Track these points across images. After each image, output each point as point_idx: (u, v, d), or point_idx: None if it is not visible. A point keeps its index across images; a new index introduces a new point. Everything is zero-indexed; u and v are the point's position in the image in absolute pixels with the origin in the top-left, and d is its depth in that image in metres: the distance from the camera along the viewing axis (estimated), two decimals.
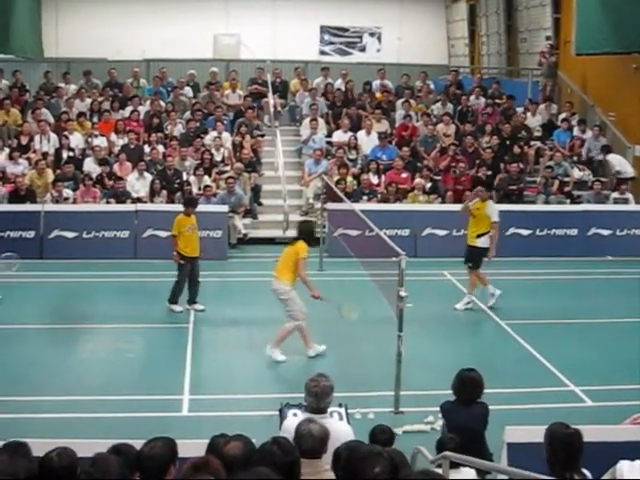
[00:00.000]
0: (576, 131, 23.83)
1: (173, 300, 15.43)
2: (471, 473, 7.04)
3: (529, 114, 24.72)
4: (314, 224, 13.67)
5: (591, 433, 7.44)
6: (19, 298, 16.05)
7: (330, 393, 6.97)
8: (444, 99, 25.08)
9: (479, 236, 15.80)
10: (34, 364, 12.67)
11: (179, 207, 18.90)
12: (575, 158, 23.18)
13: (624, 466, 6.17)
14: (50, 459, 5.12)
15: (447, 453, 6.76)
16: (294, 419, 7.23)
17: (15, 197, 19.89)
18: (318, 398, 6.88)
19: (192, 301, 15.49)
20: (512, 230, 20.03)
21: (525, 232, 20.12)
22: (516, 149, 22.71)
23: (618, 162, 22.53)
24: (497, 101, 25.44)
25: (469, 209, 15.97)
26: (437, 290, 17.17)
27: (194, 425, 10.33)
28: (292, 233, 20.18)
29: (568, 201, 21.66)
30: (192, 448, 6.16)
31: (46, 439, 6.29)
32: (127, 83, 25.17)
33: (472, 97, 25.50)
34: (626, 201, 21.15)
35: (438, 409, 8.56)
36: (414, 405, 11.01)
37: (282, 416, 7.91)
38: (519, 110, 24.88)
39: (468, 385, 8.19)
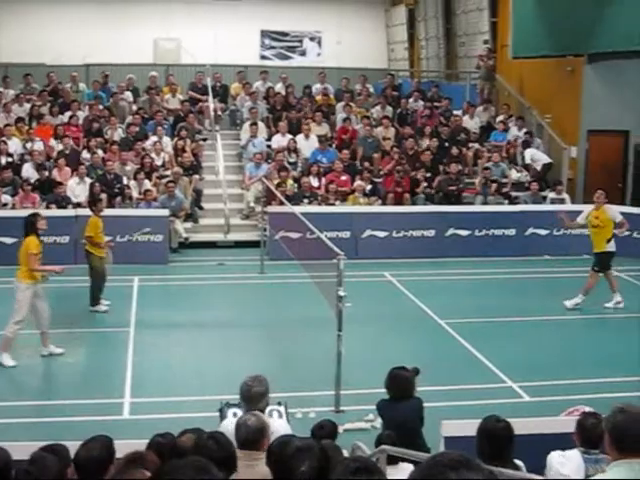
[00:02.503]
0: (514, 131, 24.15)
1: (95, 302, 15.47)
2: (409, 468, 7.14)
3: (467, 116, 25.04)
4: (37, 216, 13.48)
5: (526, 426, 7.63)
6: None
7: (261, 399, 7.01)
8: (383, 102, 25.29)
9: (608, 241, 15.87)
10: None
11: (120, 211, 18.94)
12: (516, 159, 23.51)
13: (554, 457, 6.33)
14: None
15: (384, 447, 6.87)
16: (233, 419, 7.28)
17: None
18: (248, 403, 6.96)
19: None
20: (451, 231, 20.30)
21: (464, 232, 20.37)
22: (454, 151, 22.97)
23: (530, 155, 23.01)
24: (436, 104, 25.72)
25: (580, 225, 16.34)
26: (378, 290, 17.33)
27: (135, 427, 10.32)
28: (233, 237, 20.45)
29: (506, 202, 21.97)
30: (132, 448, 6.17)
31: None
32: (67, 88, 25.01)
33: (411, 100, 25.75)
34: (562, 201, 21.50)
35: (375, 407, 8.72)
36: (354, 404, 11.13)
37: (222, 416, 7.96)
38: (457, 113, 25.19)
39: (398, 382, 8.41)
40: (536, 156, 22.95)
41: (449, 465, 2.50)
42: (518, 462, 6.24)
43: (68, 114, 23.52)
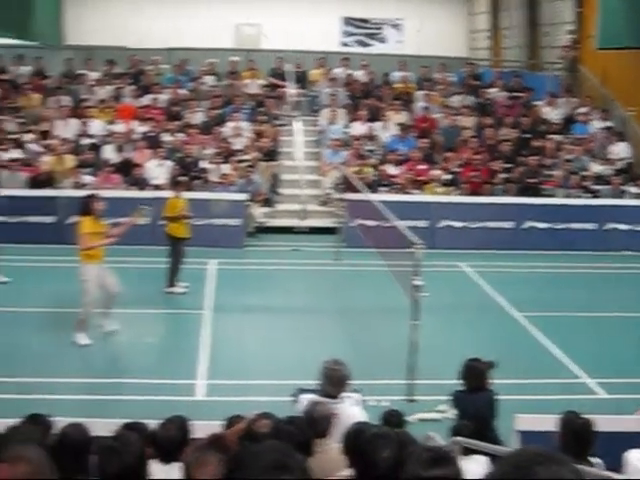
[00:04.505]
0: (597, 123, 23.74)
1: (171, 284, 15.63)
2: (482, 460, 7.10)
3: (549, 108, 24.68)
4: (93, 197, 13.45)
5: (603, 423, 7.49)
6: (39, 282, 16.27)
7: (346, 381, 7.06)
8: (464, 91, 25.08)
9: None
10: (54, 347, 12.85)
11: (198, 195, 19.06)
12: (596, 152, 23.13)
13: (631, 454, 6.23)
14: (66, 433, 5.27)
15: (458, 438, 6.83)
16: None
17: (35, 182, 20.08)
18: (336, 385, 6.96)
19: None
20: (529, 223, 20.08)
21: (542, 225, 20.12)
22: (535, 142, 22.67)
23: (626, 151, 22.60)
24: (517, 94, 25.40)
25: None
26: (452, 281, 17.20)
27: (208, 409, 10.41)
28: (310, 223, 20.50)
29: (587, 195, 21.60)
30: (208, 429, 6.22)
31: (63, 417, 6.37)
32: (148, 71, 25.27)
33: (492, 90, 25.49)
34: None
35: (449, 398, 8.69)
36: (427, 393, 11.09)
37: (296, 401, 7.99)
38: (539, 103, 24.85)
39: (471, 374, 8.38)
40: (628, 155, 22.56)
41: (536, 460, 2.46)
42: (595, 460, 6.15)
43: (149, 97, 23.79)
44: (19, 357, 12.41)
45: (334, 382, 6.95)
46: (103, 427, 5.84)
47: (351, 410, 7.11)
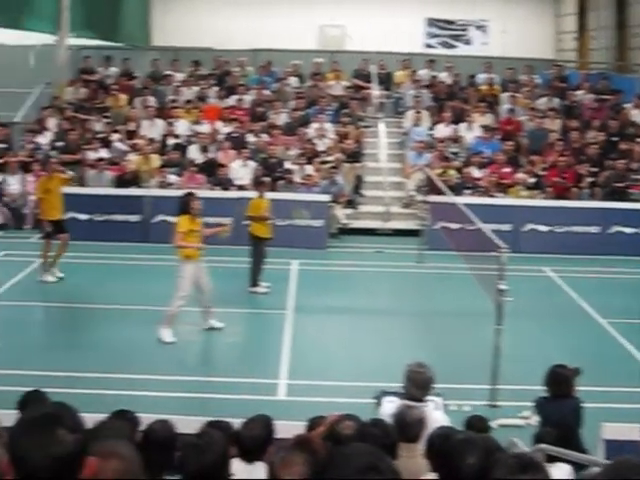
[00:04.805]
0: None
1: (254, 283, 15.74)
2: (565, 468, 6.99)
3: (637, 110, 24.19)
4: (191, 196, 13.47)
5: None
6: (124, 279, 16.53)
7: (432, 384, 7.02)
8: (550, 93, 24.76)
9: None
10: (139, 344, 13.04)
11: (281, 195, 19.11)
12: None
13: None
14: (152, 429, 5.33)
15: (542, 445, 6.74)
16: (391, 406, 7.28)
17: (121, 181, 20.44)
18: (420, 388, 6.92)
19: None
20: (616, 228, 19.72)
21: (629, 230, 19.75)
22: (623, 146, 22.27)
23: None
24: (605, 97, 24.97)
25: None
26: (536, 286, 16.96)
27: (290, 409, 10.43)
28: (393, 225, 20.44)
29: None
30: (290, 429, 6.23)
31: (148, 414, 6.45)
32: (234, 72, 25.49)
33: (579, 92, 25.10)
34: None
35: (533, 404, 8.57)
36: (510, 399, 10.96)
37: (379, 403, 7.97)
38: (627, 106, 24.39)
39: (556, 380, 8.24)
40: None
41: (636, 471, 2.41)
42: None
43: (234, 98, 24.00)
44: (105, 353, 12.59)
45: (418, 385, 6.90)
46: (187, 424, 5.90)
47: (435, 414, 7.07)
